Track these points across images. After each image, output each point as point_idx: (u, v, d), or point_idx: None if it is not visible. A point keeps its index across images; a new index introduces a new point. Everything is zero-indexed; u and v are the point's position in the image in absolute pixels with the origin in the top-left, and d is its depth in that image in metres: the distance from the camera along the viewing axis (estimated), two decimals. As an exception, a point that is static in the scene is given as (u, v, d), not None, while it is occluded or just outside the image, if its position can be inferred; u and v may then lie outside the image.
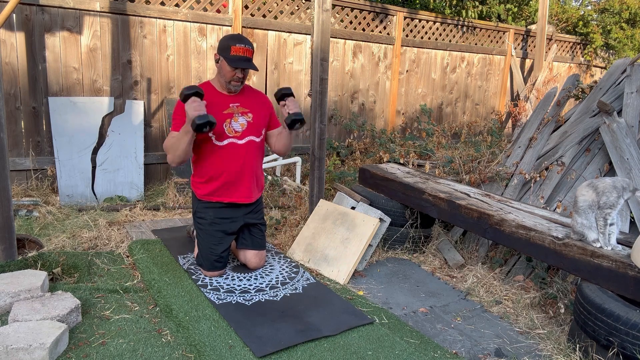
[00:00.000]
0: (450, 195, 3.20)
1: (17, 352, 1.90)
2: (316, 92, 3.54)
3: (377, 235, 3.27)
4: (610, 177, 2.42)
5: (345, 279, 2.94)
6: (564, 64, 8.66)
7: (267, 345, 2.16)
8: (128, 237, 3.43)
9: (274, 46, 5.37)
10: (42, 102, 4.23)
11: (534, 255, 2.66)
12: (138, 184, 4.39)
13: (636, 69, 3.87)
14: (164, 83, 4.77)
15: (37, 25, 4.12)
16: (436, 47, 6.84)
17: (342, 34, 5.83)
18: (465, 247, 3.53)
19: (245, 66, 2.68)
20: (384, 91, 6.45)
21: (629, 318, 2.01)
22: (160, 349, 2.13)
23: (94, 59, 4.40)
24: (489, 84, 7.67)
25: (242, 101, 2.83)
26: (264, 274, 2.93)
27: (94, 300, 2.50)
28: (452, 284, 3.06)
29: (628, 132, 3.56)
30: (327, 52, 3.49)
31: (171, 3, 4.67)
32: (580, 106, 4.10)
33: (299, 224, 3.79)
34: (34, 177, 4.26)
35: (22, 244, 3.08)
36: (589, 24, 8.70)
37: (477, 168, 4.09)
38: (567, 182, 3.70)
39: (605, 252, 2.32)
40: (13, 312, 2.16)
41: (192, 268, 2.92)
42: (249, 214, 2.93)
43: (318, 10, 3.40)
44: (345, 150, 5.65)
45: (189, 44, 4.83)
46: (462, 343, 2.39)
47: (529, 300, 2.80)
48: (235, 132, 2.76)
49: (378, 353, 2.18)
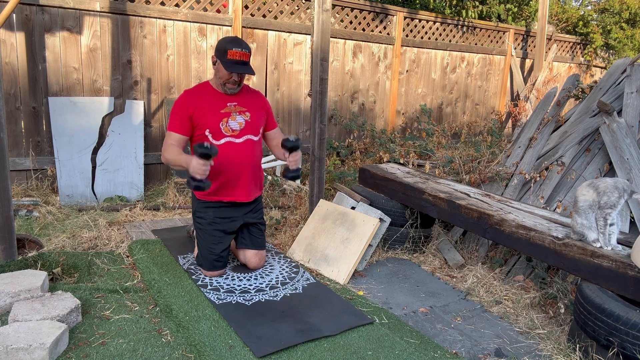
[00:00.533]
0: (450, 195, 3.20)
1: (17, 352, 1.90)
2: (316, 92, 3.54)
3: (377, 235, 3.27)
4: (611, 178, 2.42)
5: (345, 279, 2.94)
6: (564, 64, 8.66)
7: (267, 345, 2.16)
8: (128, 237, 3.43)
9: (274, 46, 5.37)
10: (42, 102, 4.23)
11: (534, 255, 2.66)
12: (138, 184, 4.39)
13: (636, 69, 3.87)
14: (164, 83, 4.77)
15: (37, 25, 4.12)
16: (436, 47, 6.84)
17: (342, 34, 5.83)
18: (465, 247, 3.53)
19: (241, 71, 2.69)
20: (384, 91, 6.45)
21: (629, 318, 2.01)
22: (160, 349, 2.13)
23: (94, 59, 4.40)
24: (489, 84, 7.67)
25: (239, 100, 2.84)
26: (264, 274, 2.93)
27: (94, 300, 2.50)
28: (452, 284, 3.06)
29: (628, 132, 3.57)
30: (327, 52, 3.49)
31: (171, 3, 4.67)
32: (580, 106, 4.10)
33: (299, 224, 3.79)
34: (34, 177, 4.26)
35: (22, 244, 3.08)
36: (589, 24, 8.70)
37: (477, 168, 4.09)
38: (567, 182, 3.70)
39: (605, 252, 2.32)
40: (13, 312, 2.16)
41: (192, 268, 2.92)
42: (249, 214, 2.93)
43: (318, 10, 3.40)
44: (345, 150, 5.64)
45: (189, 44, 4.83)
46: (462, 343, 2.39)
47: (529, 300, 2.80)
48: (233, 130, 2.77)
49: (378, 353, 2.18)
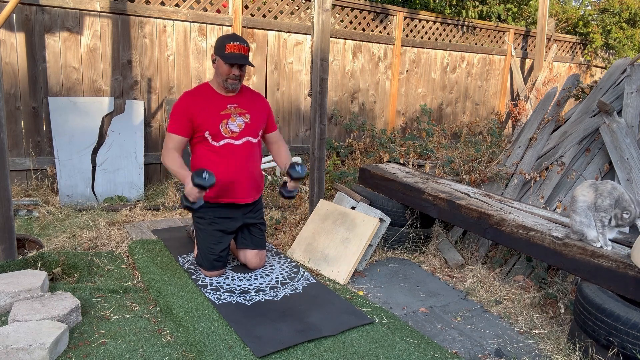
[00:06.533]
0: (450, 195, 3.20)
1: (17, 352, 1.90)
2: (316, 92, 3.54)
3: (377, 235, 3.27)
4: (613, 184, 2.39)
5: (345, 278, 2.94)
6: (564, 64, 8.66)
7: (267, 345, 2.16)
8: (128, 237, 3.43)
9: (274, 46, 5.37)
10: (42, 102, 4.23)
11: (534, 255, 2.66)
12: (138, 184, 4.39)
13: (636, 69, 3.87)
14: (164, 83, 4.77)
15: (37, 25, 4.12)
16: (436, 47, 6.84)
17: (342, 34, 5.83)
18: (465, 247, 3.53)
19: (241, 62, 2.69)
20: (384, 91, 6.45)
21: (629, 318, 2.01)
22: (160, 349, 2.13)
23: (94, 59, 4.40)
24: (489, 84, 7.67)
25: (240, 102, 2.84)
26: (264, 274, 2.93)
27: (94, 300, 2.50)
28: (452, 284, 3.06)
29: (628, 132, 3.56)
30: (327, 52, 3.49)
31: (171, 3, 4.67)
32: (580, 106, 4.10)
33: (299, 224, 3.79)
34: (34, 177, 4.26)
35: (22, 244, 3.08)
36: (589, 24, 8.71)
37: (477, 168, 4.09)
38: (567, 182, 3.70)
39: (605, 252, 2.32)
40: (13, 312, 2.16)
41: (192, 268, 2.92)
42: (249, 214, 2.93)
43: (318, 10, 3.40)
44: (345, 150, 5.64)
45: (189, 44, 4.83)
46: (462, 343, 2.39)
47: (529, 300, 2.80)
48: (232, 132, 2.77)
49: (378, 353, 2.18)
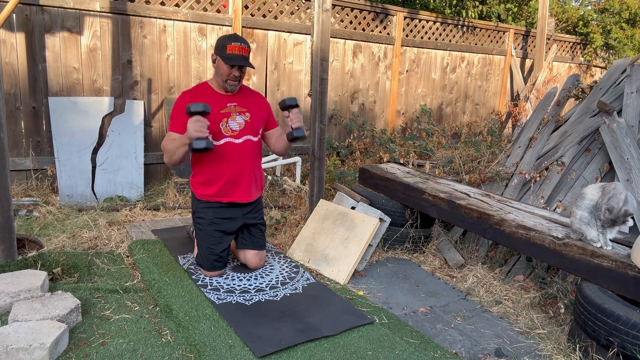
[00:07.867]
0: (450, 195, 3.20)
1: (17, 352, 1.90)
2: (316, 92, 3.54)
3: (377, 235, 3.27)
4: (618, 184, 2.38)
5: (345, 279, 2.94)
6: (564, 64, 8.66)
7: (267, 345, 2.16)
8: (128, 237, 3.43)
9: (274, 46, 5.37)
10: (42, 102, 4.23)
11: (534, 255, 2.66)
12: (138, 184, 4.39)
13: (636, 69, 3.87)
14: (164, 83, 4.77)
15: (37, 25, 4.12)
16: (436, 47, 6.84)
17: (342, 34, 5.83)
18: (465, 247, 3.53)
19: (242, 63, 2.69)
20: (384, 91, 6.45)
21: (629, 318, 2.01)
22: (160, 349, 2.13)
23: (94, 59, 4.40)
24: (489, 84, 7.67)
25: (239, 101, 2.84)
26: (264, 274, 2.93)
27: (94, 300, 2.50)
28: (452, 284, 3.06)
29: (628, 132, 3.56)
30: (327, 52, 3.49)
31: (171, 3, 4.67)
32: (580, 106, 4.10)
33: (299, 224, 3.79)
34: (34, 177, 4.26)
35: (22, 244, 3.08)
36: (589, 24, 8.71)
37: (477, 168, 4.09)
38: (567, 182, 3.70)
39: (605, 252, 2.32)
40: (13, 312, 2.16)
41: (192, 268, 2.92)
42: (249, 214, 2.93)
43: (318, 10, 3.40)
44: (345, 150, 5.64)
45: (189, 44, 4.83)
46: (462, 343, 2.39)
47: (529, 300, 2.80)
48: (232, 131, 2.77)
49: (378, 353, 2.18)
